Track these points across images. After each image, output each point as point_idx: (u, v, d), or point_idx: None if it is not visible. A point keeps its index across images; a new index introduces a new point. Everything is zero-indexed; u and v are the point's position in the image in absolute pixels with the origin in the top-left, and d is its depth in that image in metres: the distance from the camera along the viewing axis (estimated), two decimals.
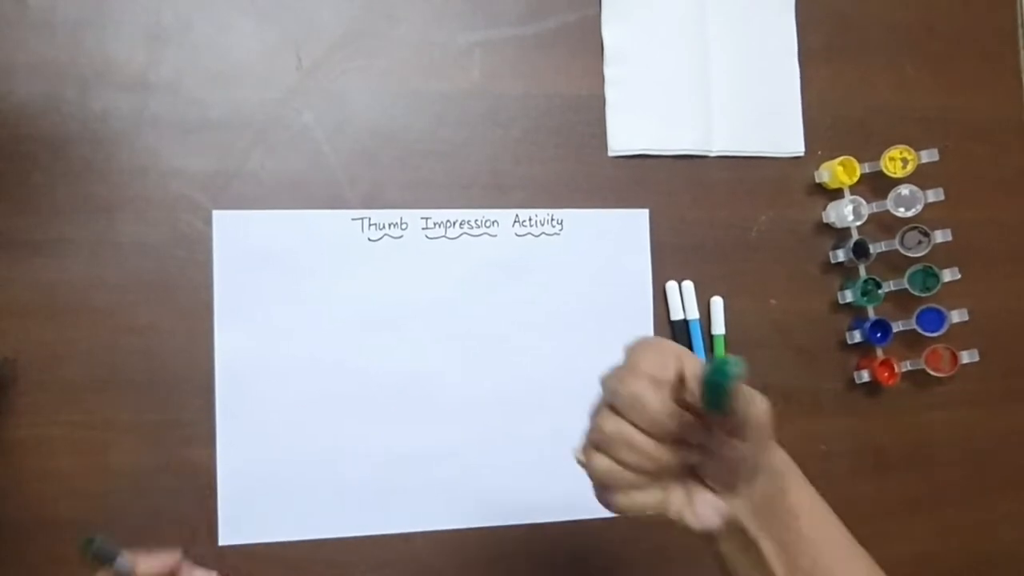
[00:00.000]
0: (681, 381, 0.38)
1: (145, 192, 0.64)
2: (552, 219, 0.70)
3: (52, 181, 0.63)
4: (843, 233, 0.74)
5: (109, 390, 0.63)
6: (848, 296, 0.73)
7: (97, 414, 0.62)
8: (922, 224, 0.72)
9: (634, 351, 0.41)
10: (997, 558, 0.76)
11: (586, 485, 0.43)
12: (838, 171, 0.72)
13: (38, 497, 0.62)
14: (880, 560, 0.43)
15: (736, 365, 0.34)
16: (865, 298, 0.72)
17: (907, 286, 0.72)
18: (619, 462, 0.40)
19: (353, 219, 0.67)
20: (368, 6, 0.68)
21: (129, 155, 0.64)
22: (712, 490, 0.41)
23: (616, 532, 0.69)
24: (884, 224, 0.74)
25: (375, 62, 0.68)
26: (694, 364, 0.38)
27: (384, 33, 0.68)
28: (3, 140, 0.62)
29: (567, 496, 0.67)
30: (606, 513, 0.43)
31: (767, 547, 0.42)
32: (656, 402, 0.38)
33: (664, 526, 0.42)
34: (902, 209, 0.72)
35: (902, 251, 0.72)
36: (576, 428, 0.43)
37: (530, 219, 0.69)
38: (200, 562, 0.62)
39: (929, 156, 0.72)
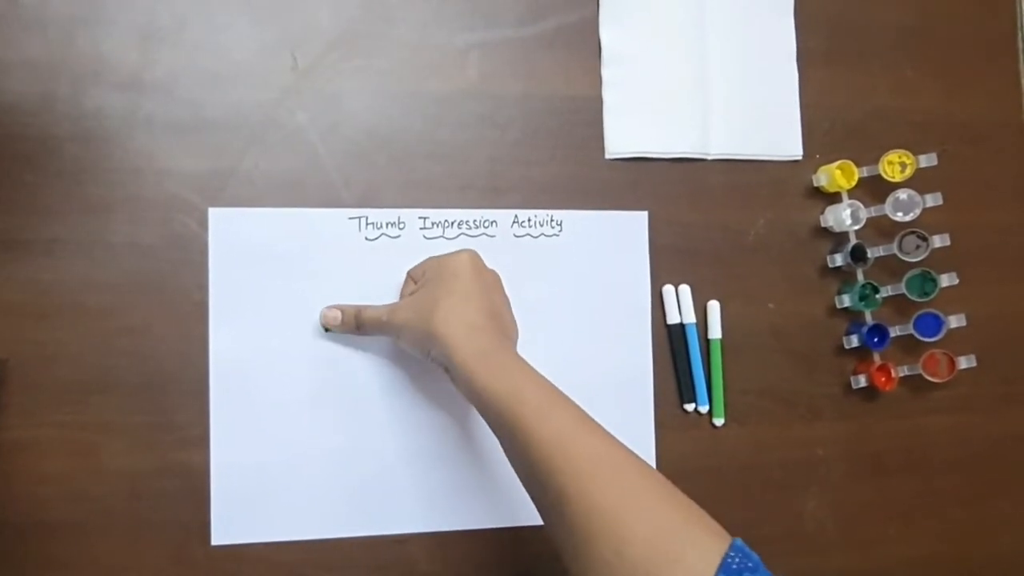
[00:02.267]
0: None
1: (139, 192, 0.63)
2: (552, 220, 0.69)
3: (45, 181, 0.62)
4: (841, 237, 0.74)
5: (102, 391, 0.62)
6: (846, 300, 0.72)
7: (90, 415, 0.62)
8: (920, 228, 0.72)
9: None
10: (995, 563, 0.76)
11: None
12: (836, 175, 0.72)
13: (30, 499, 0.61)
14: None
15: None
16: (863, 303, 0.72)
17: (905, 291, 0.72)
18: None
19: (350, 218, 0.66)
20: (365, 6, 0.68)
21: (123, 155, 0.63)
22: None
23: None
24: (882, 228, 0.74)
25: (372, 63, 0.68)
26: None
27: (381, 34, 0.68)
28: None
29: None
30: None
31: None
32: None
33: None
34: (900, 213, 0.72)
35: (900, 256, 0.72)
36: None
37: (529, 220, 0.69)
38: (192, 563, 0.62)
39: (928, 160, 0.72)
